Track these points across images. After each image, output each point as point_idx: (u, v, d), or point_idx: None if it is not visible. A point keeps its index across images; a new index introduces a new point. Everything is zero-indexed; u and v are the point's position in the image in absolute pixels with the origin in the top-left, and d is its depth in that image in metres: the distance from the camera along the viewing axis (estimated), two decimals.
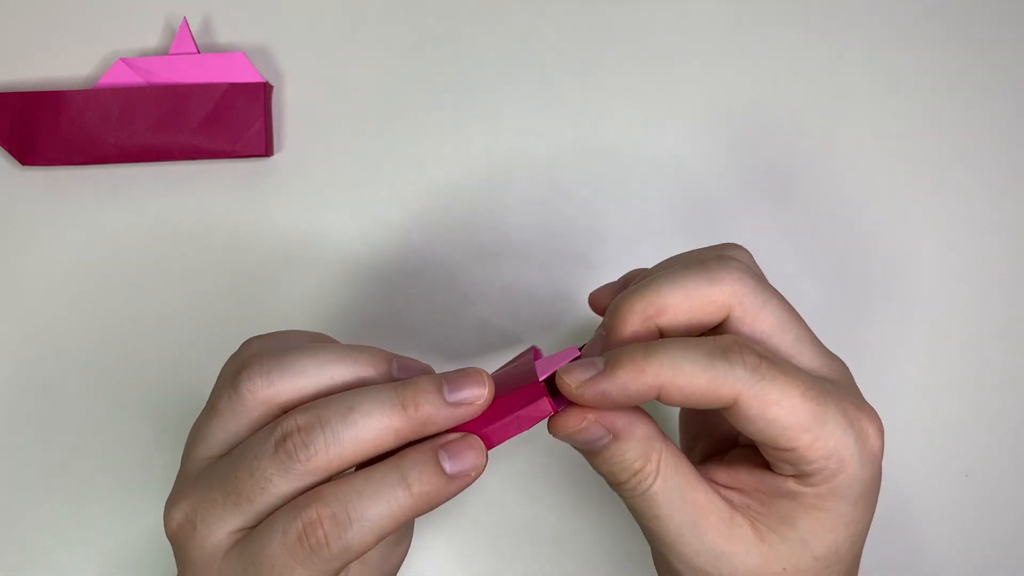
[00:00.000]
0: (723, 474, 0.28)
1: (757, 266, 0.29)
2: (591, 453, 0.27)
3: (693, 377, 0.25)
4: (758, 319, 0.27)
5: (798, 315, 0.28)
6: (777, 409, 0.25)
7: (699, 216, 0.41)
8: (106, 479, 0.40)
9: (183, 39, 0.40)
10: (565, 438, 0.27)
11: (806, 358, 0.28)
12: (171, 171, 0.41)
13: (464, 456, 0.26)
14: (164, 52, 0.41)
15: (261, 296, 0.41)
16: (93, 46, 0.41)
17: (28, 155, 0.40)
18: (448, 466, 0.26)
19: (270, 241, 0.41)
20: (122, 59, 0.40)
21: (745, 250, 0.29)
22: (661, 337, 0.27)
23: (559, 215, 0.41)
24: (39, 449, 0.40)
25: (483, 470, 0.26)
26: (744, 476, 0.28)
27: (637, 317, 0.27)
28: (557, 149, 0.41)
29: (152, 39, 0.42)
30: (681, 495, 0.27)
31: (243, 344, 0.29)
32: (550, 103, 0.42)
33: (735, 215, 0.41)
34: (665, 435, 0.27)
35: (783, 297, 0.28)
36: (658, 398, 0.25)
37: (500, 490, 0.41)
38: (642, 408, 0.27)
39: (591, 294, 0.32)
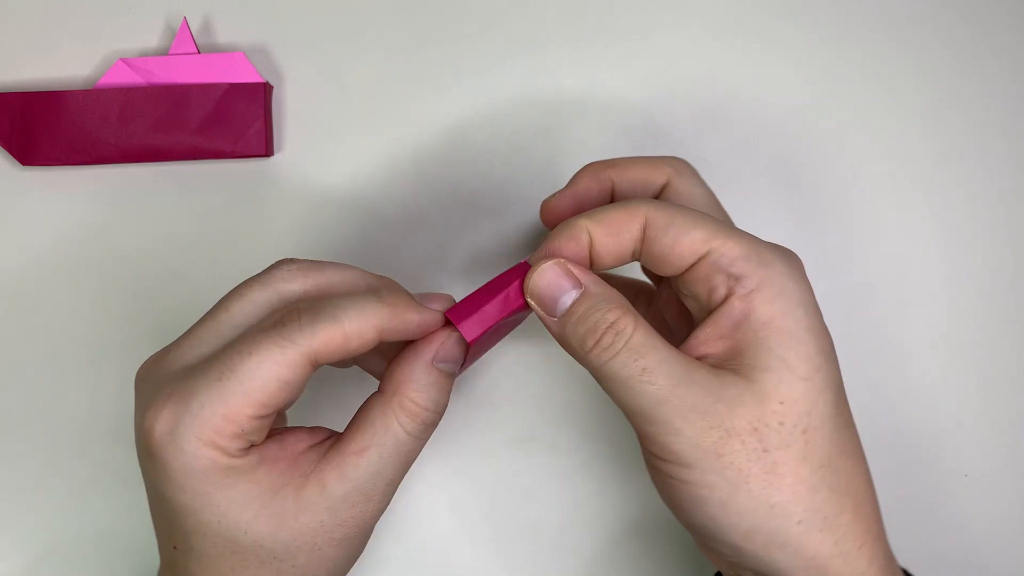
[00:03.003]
0: (687, 347, 0.29)
1: None
2: (566, 319, 0.28)
3: (610, 214, 0.29)
4: (692, 196, 0.32)
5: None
6: (682, 218, 0.28)
7: None
8: (106, 478, 0.40)
9: (183, 39, 0.40)
10: (537, 297, 0.29)
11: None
12: (171, 171, 0.41)
13: (433, 301, 0.30)
14: (164, 52, 0.41)
15: None
16: (93, 46, 0.41)
17: (28, 155, 0.40)
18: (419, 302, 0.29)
19: (270, 241, 0.41)
20: (122, 59, 0.40)
21: None
22: (612, 191, 0.32)
23: None
24: (38, 448, 0.40)
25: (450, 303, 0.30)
26: (701, 332, 0.28)
27: (596, 166, 0.33)
28: (558, 149, 0.41)
29: (152, 39, 0.42)
30: (665, 347, 0.27)
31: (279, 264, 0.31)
32: (550, 103, 0.42)
33: (736, 211, 0.41)
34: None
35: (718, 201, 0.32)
36: (592, 253, 0.29)
37: (500, 490, 0.41)
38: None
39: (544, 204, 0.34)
